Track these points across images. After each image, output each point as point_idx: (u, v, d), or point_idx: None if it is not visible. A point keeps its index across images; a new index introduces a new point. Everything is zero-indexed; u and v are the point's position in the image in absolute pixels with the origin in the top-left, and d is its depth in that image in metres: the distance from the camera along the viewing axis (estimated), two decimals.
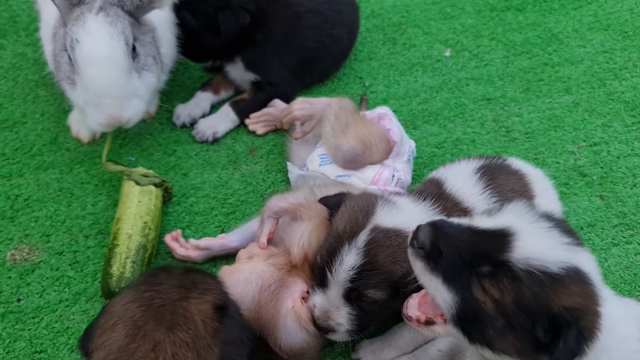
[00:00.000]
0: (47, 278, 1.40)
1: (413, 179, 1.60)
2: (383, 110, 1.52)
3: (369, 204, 1.16)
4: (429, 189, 1.28)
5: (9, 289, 1.37)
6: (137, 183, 1.45)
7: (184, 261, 1.42)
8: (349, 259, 1.11)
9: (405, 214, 1.14)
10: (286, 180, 1.62)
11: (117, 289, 1.29)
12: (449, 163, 1.40)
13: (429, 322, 1.03)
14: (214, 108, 1.83)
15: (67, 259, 1.44)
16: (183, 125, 1.76)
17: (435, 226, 0.96)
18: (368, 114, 1.52)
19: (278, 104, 1.77)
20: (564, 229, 0.97)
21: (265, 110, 1.77)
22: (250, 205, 1.58)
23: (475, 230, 0.96)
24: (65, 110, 1.77)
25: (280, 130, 1.75)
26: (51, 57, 1.52)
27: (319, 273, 1.17)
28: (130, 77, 1.40)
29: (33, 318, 1.33)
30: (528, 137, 1.80)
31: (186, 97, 1.84)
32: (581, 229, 1.57)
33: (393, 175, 1.40)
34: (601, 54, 2.07)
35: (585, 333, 0.89)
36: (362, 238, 1.12)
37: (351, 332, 1.19)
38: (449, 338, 1.19)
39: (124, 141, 1.74)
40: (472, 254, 0.93)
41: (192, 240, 1.41)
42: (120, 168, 1.52)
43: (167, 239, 1.43)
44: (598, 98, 1.92)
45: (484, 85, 1.95)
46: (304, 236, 1.21)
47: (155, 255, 1.42)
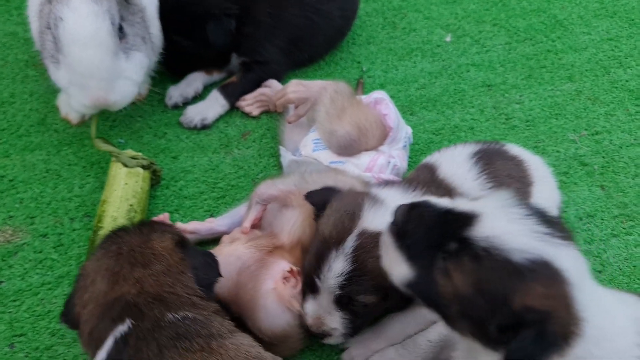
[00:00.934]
0: (30, 260, 1.36)
1: (409, 165, 1.55)
2: (380, 95, 1.47)
3: (355, 205, 1.11)
4: (420, 175, 1.24)
5: None
6: (125, 165, 1.42)
7: None
8: (337, 266, 1.09)
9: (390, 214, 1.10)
10: (279, 165, 1.58)
11: None
12: (444, 148, 1.36)
13: None
14: (208, 90, 1.78)
15: (52, 241, 1.40)
16: (175, 106, 1.72)
17: (411, 206, 0.92)
18: (364, 98, 1.47)
19: (274, 84, 1.73)
20: (547, 220, 0.88)
21: (260, 90, 1.73)
22: (240, 189, 1.54)
23: (448, 210, 0.90)
24: (54, 91, 1.72)
25: (274, 114, 1.71)
26: (37, 35, 1.47)
27: (308, 279, 1.14)
28: (116, 58, 1.35)
29: (14, 301, 1.30)
30: (528, 125, 1.75)
31: (178, 80, 1.80)
32: (580, 219, 1.53)
33: (389, 162, 1.36)
34: (606, 42, 2.02)
35: (550, 339, 0.81)
36: (350, 244, 1.08)
37: (346, 335, 1.17)
38: (439, 329, 1.16)
39: (114, 123, 1.70)
40: (438, 233, 0.88)
41: (179, 224, 1.37)
42: (109, 148, 1.48)
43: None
44: (601, 86, 1.87)
45: (485, 72, 1.90)
46: (295, 224, 1.17)
47: None
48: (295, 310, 1.14)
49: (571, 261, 0.84)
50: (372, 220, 1.09)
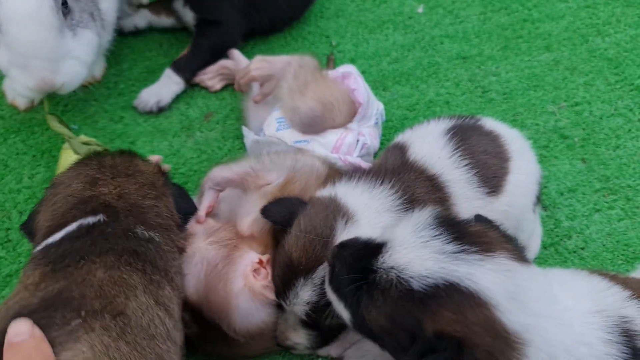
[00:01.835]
0: None
1: (382, 144, 1.47)
2: (348, 69, 1.38)
3: (327, 225, 1.02)
4: (389, 160, 1.14)
5: None
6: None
7: None
8: (305, 294, 1.01)
9: (365, 230, 1.00)
10: (244, 147, 1.48)
11: None
12: (417, 125, 1.27)
13: None
14: (145, 44, 1.67)
15: (0, 235, 1.30)
16: (150, 112, 1.58)
17: (339, 246, 0.90)
18: (331, 73, 1.38)
19: (235, 55, 1.63)
20: (463, 235, 0.82)
21: (222, 62, 1.62)
22: (204, 174, 1.41)
23: (365, 244, 0.87)
24: (0, 76, 1.61)
25: (239, 93, 1.60)
26: None
27: (276, 294, 1.07)
28: (61, 36, 1.23)
29: None
30: (506, 98, 1.68)
31: (136, 60, 1.69)
32: (562, 194, 1.47)
33: (357, 140, 1.27)
34: (584, 9, 1.94)
35: None
36: (320, 274, 1.00)
37: (311, 348, 1.11)
38: None
39: (67, 107, 1.58)
40: (357, 269, 0.84)
41: None
42: (62, 130, 1.37)
43: None
44: (580, 55, 1.80)
45: (459, 43, 1.81)
46: (254, 209, 1.08)
47: None
48: (270, 300, 1.06)
49: (491, 278, 0.77)
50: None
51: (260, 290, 1.05)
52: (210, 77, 1.64)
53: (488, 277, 0.77)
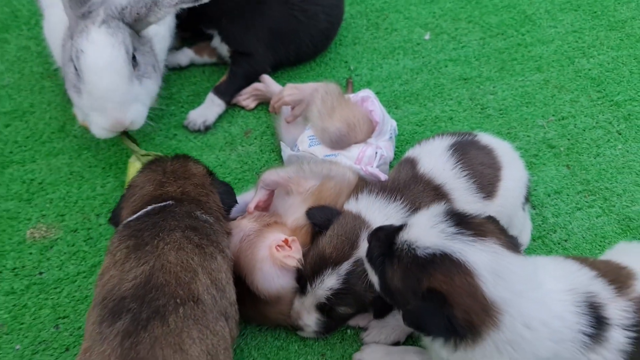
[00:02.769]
0: (65, 253, 1.54)
1: (395, 154, 1.74)
2: (366, 93, 1.66)
3: (354, 233, 1.29)
4: (402, 173, 1.40)
5: (30, 264, 1.52)
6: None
7: None
8: (329, 282, 1.27)
9: None
10: (279, 159, 1.76)
11: None
12: (424, 140, 1.53)
13: None
14: (191, 73, 1.96)
15: (82, 235, 1.58)
16: (197, 131, 1.86)
17: (375, 230, 1.19)
18: (352, 96, 1.66)
19: (266, 79, 1.91)
20: (463, 223, 1.09)
21: (254, 85, 1.91)
22: (246, 182, 1.72)
23: (394, 228, 1.15)
24: (70, 101, 1.90)
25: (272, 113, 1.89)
26: (62, 66, 1.63)
27: (301, 280, 1.33)
28: (131, 83, 1.50)
29: (55, 288, 1.48)
30: (502, 113, 1.94)
31: (184, 85, 1.98)
32: (549, 195, 1.73)
33: (376, 153, 1.55)
34: (571, 34, 2.21)
35: (445, 318, 1.02)
36: (345, 267, 1.27)
37: (317, 333, 1.37)
38: None
39: None
40: (385, 245, 1.13)
41: None
42: (131, 145, 1.63)
43: None
44: (567, 75, 2.07)
45: (461, 66, 2.08)
46: (298, 211, 1.36)
47: None
48: (290, 268, 1.31)
49: (479, 255, 1.03)
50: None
51: (281, 260, 1.30)
52: (245, 98, 1.93)
53: (476, 254, 1.03)
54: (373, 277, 1.17)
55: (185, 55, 2.00)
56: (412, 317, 1.08)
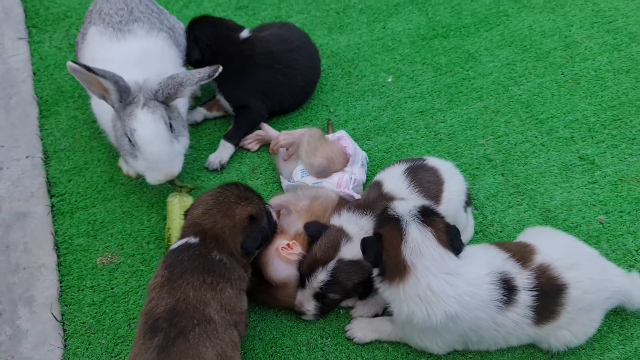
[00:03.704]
0: (128, 272, 2.08)
1: (368, 177, 2.27)
2: (340, 133, 2.20)
3: (337, 241, 1.82)
4: (371, 193, 1.93)
5: (104, 282, 2.05)
6: (179, 191, 2.13)
7: None
8: (321, 276, 1.81)
9: (357, 247, 1.77)
10: (280, 189, 2.30)
11: None
12: (387, 166, 2.06)
13: None
14: (206, 127, 2.50)
15: (138, 258, 2.12)
16: (215, 170, 2.40)
17: (380, 212, 1.76)
18: (330, 136, 2.20)
19: (265, 127, 2.45)
20: (426, 212, 1.68)
21: (256, 132, 2.46)
22: None
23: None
24: (115, 156, 2.45)
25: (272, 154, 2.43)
26: (110, 133, 2.15)
27: (301, 279, 1.85)
28: (172, 144, 2.03)
29: (124, 299, 2.01)
30: (450, 137, 2.48)
31: (201, 136, 2.52)
32: (488, 198, 2.25)
33: (351, 177, 2.08)
34: (505, 66, 2.75)
35: (379, 255, 1.63)
36: (331, 265, 1.80)
37: (316, 316, 1.90)
38: None
39: None
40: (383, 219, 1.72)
41: None
42: (175, 181, 2.16)
43: None
44: (502, 101, 2.60)
45: (418, 101, 2.63)
46: (297, 224, 1.89)
47: None
48: (293, 261, 1.84)
49: (414, 232, 1.61)
50: (346, 252, 1.81)
51: (285, 256, 1.84)
52: (250, 142, 2.47)
53: (413, 230, 1.62)
54: (365, 256, 1.71)
55: (199, 113, 2.56)
56: (362, 245, 1.67)
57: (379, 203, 1.91)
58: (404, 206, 1.68)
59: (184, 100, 2.30)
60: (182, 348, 1.50)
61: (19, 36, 3.04)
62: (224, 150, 2.42)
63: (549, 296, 1.69)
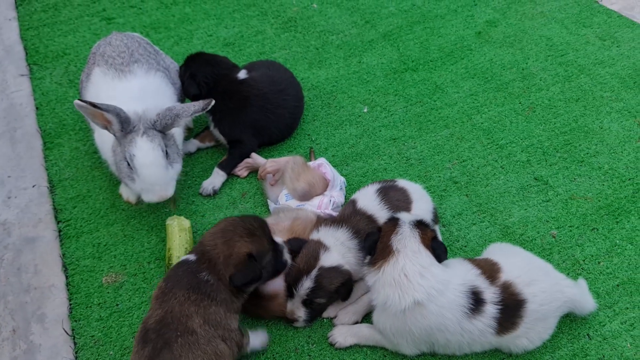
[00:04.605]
0: (131, 290, 2.30)
1: (346, 199, 2.53)
2: (320, 160, 2.47)
3: (316, 252, 2.06)
4: (347, 210, 2.20)
5: (110, 299, 2.27)
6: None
7: None
8: (306, 284, 2.03)
9: (334, 255, 2.05)
10: (268, 211, 2.54)
11: None
12: (362, 187, 2.32)
13: None
14: (199, 156, 2.75)
15: (140, 277, 2.34)
16: (208, 196, 2.63)
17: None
18: (311, 164, 2.46)
19: (253, 155, 2.70)
20: (418, 222, 1.97)
21: (245, 160, 2.70)
22: None
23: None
24: (116, 184, 2.67)
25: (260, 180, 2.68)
26: (113, 163, 2.37)
27: (289, 289, 2.08)
28: (167, 170, 2.26)
29: (128, 314, 2.22)
30: (420, 162, 2.75)
31: (195, 164, 2.77)
32: (453, 216, 2.52)
33: (330, 200, 2.34)
34: (469, 97, 3.05)
35: (373, 240, 1.95)
36: (314, 273, 2.03)
37: (306, 321, 2.12)
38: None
39: None
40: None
41: None
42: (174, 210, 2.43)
43: None
44: (466, 129, 2.89)
45: (391, 130, 2.90)
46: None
47: None
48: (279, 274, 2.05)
49: (405, 228, 1.93)
50: (325, 260, 2.05)
51: None
52: (239, 169, 2.72)
53: (404, 230, 1.91)
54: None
55: (193, 145, 2.80)
56: (366, 236, 2.00)
57: (352, 218, 2.17)
58: (406, 215, 2.00)
59: (179, 129, 2.54)
60: (167, 358, 1.69)
61: (20, 73, 3.28)
62: (217, 178, 2.67)
63: (511, 309, 1.93)
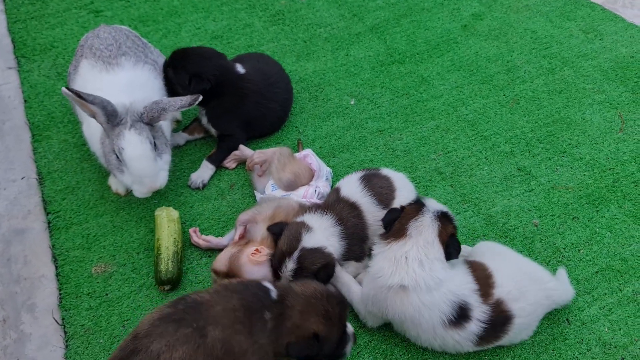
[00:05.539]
0: (120, 280, 2.33)
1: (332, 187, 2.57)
2: (306, 151, 2.50)
3: (298, 232, 2.08)
4: (331, 197, 2.24)
5: (99, 289, 2.30)
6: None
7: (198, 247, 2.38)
8: (290, 265, 2.05)
9: (317, 235, 2.07)
10: (255, 202, 2.58)
11: (165, 278, 2.22)
12: (347, 175, 2.36)
13: None
14: (187, 147, 2.77)
15: (129, 267, 2.37)
16: (197, 189, 2.65)
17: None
18: (297, 155, 2.50)
19: (241, 147, 2.73)
20: (443, 215, 2.00)
21: (234, 152, 2.73)
22: (234, 221, 2.53)
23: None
24: (105, 175, 2.70)
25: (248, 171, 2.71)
26: (102, 155, 2.40)
27: (275, 271, 2.09)
28: (156, 162, 2.29)
29: (118, 303, 2.25)
30: (406, 153, 2.79)
31: (183, 156, 2.80)
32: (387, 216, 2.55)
33: (315, 190, 2.38)
34: (455, 89, 3.09)
35: (393, 219, 2.01)
36: (296, 254, 2.05)
37: None
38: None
39: None
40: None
41: (203, 236, 2.37)
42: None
43: (190, 230, 2.41)
44: (452, 120, 2.94)
45: (378, 122, 2.94)
46: (262, 230, 2.17)
47: (183, 256, 2.36)
48: (263, 262, 2.08)
49: (427, 216, 1.97)
50: (307, 241, 2.07)
51: (254, 259, 2.08)
52: (228, 161, 2.75)
53: (427, 216, 1.96)
54: None
55: (182, 137, 2.83)
56: (388, 212, 2.04)
57: (336, 205, 2.20)
58: (434, 203, 2.03)
59: (167, 121, 2.57)
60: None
61: (8, 66, 3.28)
62: (206, 171, 2.69)
63: (497, 326, 1.93)
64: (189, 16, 3.59)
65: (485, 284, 1.95)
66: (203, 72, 2.59)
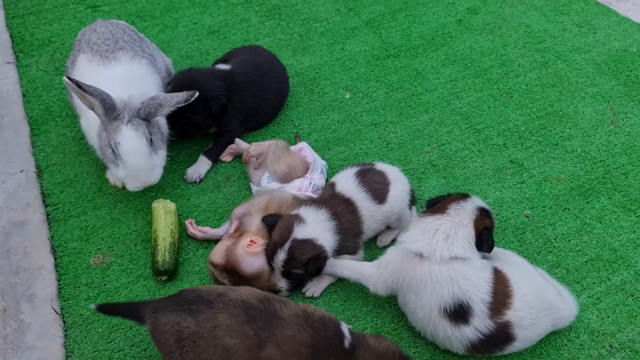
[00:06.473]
0: (118, 270, 2.36)
1: (327, 180, 2.60)
2: (301, 144, 2.54)
3: (290, 224, 2.12)
4: (326, 192, 2.27)
5: (97, 279, 2.34)
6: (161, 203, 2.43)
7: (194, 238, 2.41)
8: (281, 256, 2.10)
9: (309, 228, 2.11)
10: (251, 194, 2.61)
11: (162, 269, 2.26)
12: (342, 170, 2.40)
13: None
14: (183, 141, 2.81)
15: (127, 258, 2.41)
16: (193, 183, 2.68)
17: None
18: (292, 148, 2.53)
19: (238, 141, 2.77)
20: (483, 211, 2.08)
21: (230, 146, 2.77)
22: (230, 213, 2.56)
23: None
24: (102, 169, 2.73)
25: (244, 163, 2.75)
26: (98, 148, 2.43)
27: (268, 262, 2.14)
28: (151, 157, 2.32)
29: (116, 293, 2.29)
30: (400, 146, 2.83)
31: (180, 150, 2.83)
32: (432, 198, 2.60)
33: (310, 183, 2.42)
34: (449, 83, 3.12)
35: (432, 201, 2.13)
36: (287, 245, 2.10)
37: (288, 290, 2.19)
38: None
39: None
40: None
41: (199, 227, 2.41)
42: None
43: (187, 222, 2.44)
44: (445, 114, 2.97)
45: (372, 115, 2.98)
46: (256, 221, 2.21)
47: (180, 248, 2.40)
48: (258, 252, 2.12)
49: (469, 204, 2.06)
50: (299, 233, 2.11)
51: (251, 251, 2.13)
52: (224, 155, 2.78)
53: (470, 204, 2.06)
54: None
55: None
56: (435, 198, 2.18)
57: (331, 200, 2.24)
58: (478, 199, 2.11)
59: (163, 117, 2.60)
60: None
61: (7, 60, 3.31)
62: (202, 166, 2.73)
63: (496, 342, 1.92)
64: (185, 11, 3.62)
65: (501, 301, 1.91)
66: (211, 92, 2.61)
